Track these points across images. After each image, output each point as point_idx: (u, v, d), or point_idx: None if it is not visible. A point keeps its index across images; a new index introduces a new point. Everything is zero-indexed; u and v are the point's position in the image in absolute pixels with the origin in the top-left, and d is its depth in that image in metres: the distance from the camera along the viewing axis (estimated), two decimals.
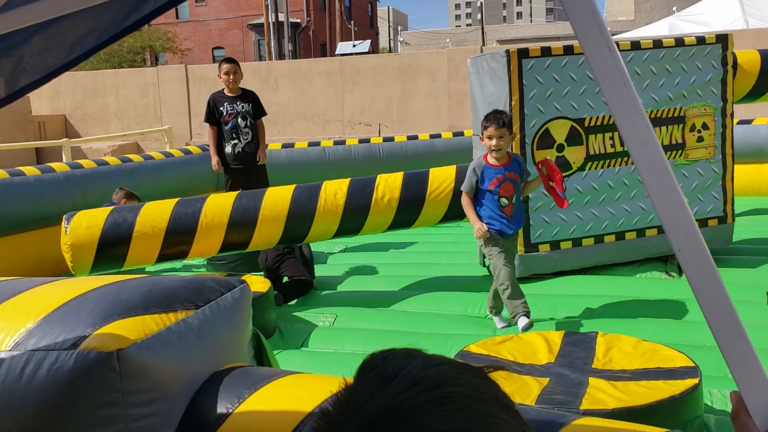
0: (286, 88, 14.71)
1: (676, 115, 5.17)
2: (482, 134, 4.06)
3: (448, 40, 51.87)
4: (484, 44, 34.05)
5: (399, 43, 52.08)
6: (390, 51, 47.37)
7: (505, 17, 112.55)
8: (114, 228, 4.24)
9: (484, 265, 5.25)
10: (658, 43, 5.13)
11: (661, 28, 18.14)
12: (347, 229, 4.76)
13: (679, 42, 5.14)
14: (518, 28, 62.97)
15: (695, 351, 3.49)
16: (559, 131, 4.89)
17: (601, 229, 5.03)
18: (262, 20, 31.28)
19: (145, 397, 1.35)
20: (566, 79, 4.86)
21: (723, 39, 5.23)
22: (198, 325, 1.39)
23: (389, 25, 54.29)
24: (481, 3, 43.20)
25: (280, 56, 28.26)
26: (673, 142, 5.18)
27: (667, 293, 4.52)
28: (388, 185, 4.74)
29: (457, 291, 4.84)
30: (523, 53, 4.78)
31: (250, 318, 1.61)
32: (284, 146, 8.94)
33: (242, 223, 4.49)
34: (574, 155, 4.93)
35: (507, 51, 4.75)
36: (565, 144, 4.91)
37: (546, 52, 4.83)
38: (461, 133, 9.45)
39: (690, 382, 2.48)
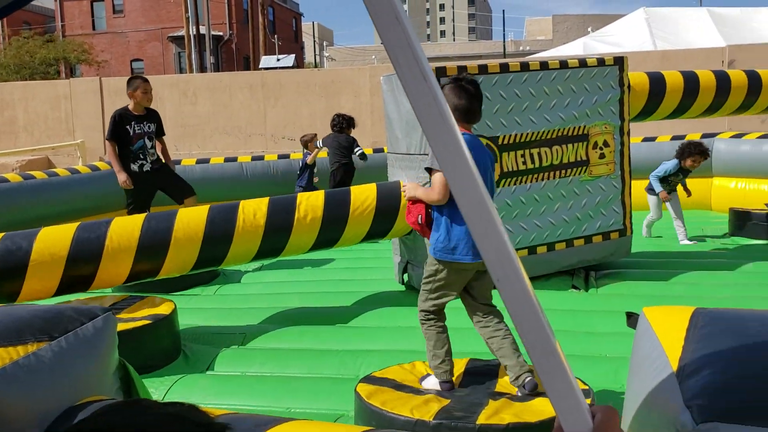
0: (205, 102, 14.44)
1: (580, 133, 5.33)
2: None
3: (374, 56, 52.22)
4: None
5: (324, 58, 52.12)
6: (315, 66, 47.34)
7: (429, 35, 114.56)
8: (6, 257, 3.81)
9: (402, 282, 5.24)
10: (564, 64, 5.28)
11: (577, 48, 18.82)
12: (268, 250, 4.55)
13: (583, 63, 5.32)
14: (442, 46, 64.09)
15: (598, 362, 3.58)
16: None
17: (515, 244, 5.11)
18: (182, 32, 30.68)
19: None
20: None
21: (620, 61, 5.48)
22: (52, 357, 1.29)
23: (314, 40, 54.27)
24: None
25: (202, 69, 27.77)
26: (579, 158, 5.34)
27: (573, 306, 4.62)
28: (310, 204, 4.61)
29: (372, 308, 4.81)
30: (441, 72, 4.80)
31: (115, 347, 1.51)
32: (199, 161, 8.74)
33: (153, 247, 4.16)
34: None
35: None
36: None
37: (462, 71, 4.87)
38: (381, 150, 9.49)
39: None
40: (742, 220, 6.85)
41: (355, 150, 8.23)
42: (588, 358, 3.62)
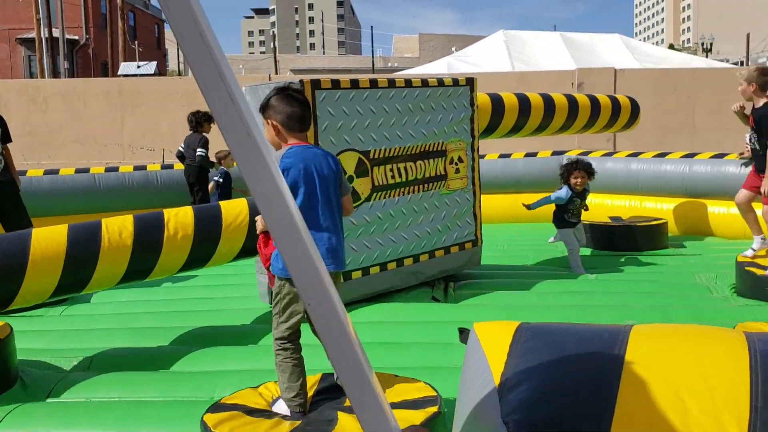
0: (57, 109, 13.56)
1: (439, 149, 5.55)
2: None
3: (241, 66, 51.44)
4: (277, 73, 34.25)
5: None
6: (180, 74, 45.85)
7: (298, 47, 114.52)
8: None
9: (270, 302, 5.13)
10: (425, 83, 5.45)
11: (441, 67, 19.49)
12: (137, 270, 4.21)
13: (440, 83, 5.52)
14: (312, 58, 64.28)
15: (455, 373, 3.66)
16: (349, 163, 4.96)
17: (386, 256, 5.19)
18: (33, 35, 28.70)
19: None
20: (353, 112, 4.96)
21: (471, 81, 5.79)
22: None
23: (178, 48, 52.62)
24: (274, 33, 43.45)
25: (55, 74, 26.09)
26: (438, 173, 5.54)
27: (433, 317, 4.72)
28: (179, 221, 4.37)
29: (231, 327, 4.66)
30: (316, 84, 4.77)
31: None
32: (47, 172, 8.16)
33: (4, 272, 3.74)
34: (362, 187, 5.04)
35: (301, 81, 4.71)
36: (354, 176, 4.99)
37: (336, 84, 4.89)
38: None
39: (430, 410, 2.62)
40: (587, 233, 7.30)
41: (198, 151, 7.92)
42: (445, 369, 3.69)
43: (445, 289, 5.52)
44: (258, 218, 3.20)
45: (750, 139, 5.52)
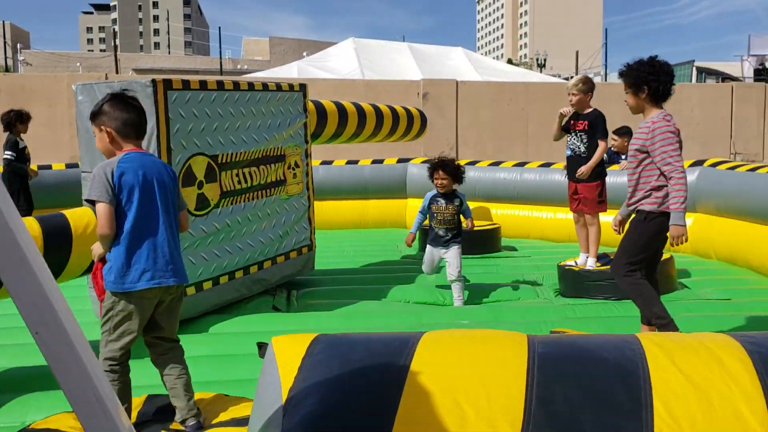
0: None
1: (279, 153, 5.53)
2: None
3: (78, 64, 48.25)
4: (118, 72, 32.44)
5: (19, 62, 46.77)
6: (7, 70, 42.19)
7: (142, 46, 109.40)
8: None
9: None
10: (265, 86, 5.37)
11: (292, 71, 19.40)
12: None
13: (278, 87, 5.49)
14: (156, 58, 61.61)
15: None
16: (199, 168, 4.76)
17: (234, 265, 5.05)
18: None
19: None
20: (203, 114, 4.78)
21: (303, 88, 5.84)
22: None
23: (5, 42, 48.46)
24: (114, 30, 41.22)
25: None
26: (278, 178, 5.53)
27: (275, 327, 4.64)
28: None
29: None
30: (168, 84, 4.52)
31: None
32: None
33: None
34: (212, 192, 4.86)
35: (153, 80, 4.41)
36: (204, 181, 4.79)
37: (186, 85, 4.68)
38: (76, 165, 8.72)
39: None
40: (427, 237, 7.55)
41: (6, 154, 7.29)
42: None
43: (288, 298, 5.47)
44: (94, 246, 2.96)
45: (572, 148, 5.81)
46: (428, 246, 5.43)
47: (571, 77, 8.00)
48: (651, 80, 3.90)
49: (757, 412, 1.60)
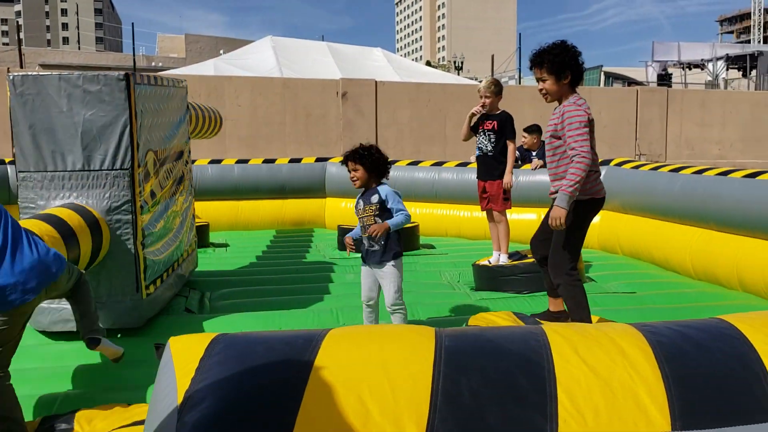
0: None
1: (182, 150, 5.52)
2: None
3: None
4: (22, 66, 30.86)
5: None
6: None
7: (49, 41, 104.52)
8: None
9: None
10: (174, 82, 5.24)
11: (208, 68, 18.94)
12: None
13: (176, 83, 5.36)
14: (64, 53, 58.96)
15: None
16: (150, 164, 4.63)
17: (168, 264, 5.01)
18: None
19: None
20: (153, 109, 4.68)
21: (182, 83, 5.69)
22: None
23: None
24: (18, 23, 39.19)
25: None
26: (183, 174, 5.54)
27: (186, 330, 4.50)
28: None
29: None
30: (134, 78, 4.35)
31: None
32: None
33: None
34: (156, 188, 4.79)
35: (126, 74, 4.23)
36: (153, 176, 4.66)
37: (145, 79, 4.57)
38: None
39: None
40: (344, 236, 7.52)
41: None
42: None
43: (201, 299, 5.32)
44: None
45: (481, 147, 5.94)
46: (362, 267, 4.21)
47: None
48: (572, 64, 3.78)
49: (657, 399, 1.65)
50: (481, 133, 5.89)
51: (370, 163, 4.08)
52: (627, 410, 1.60)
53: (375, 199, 4.08)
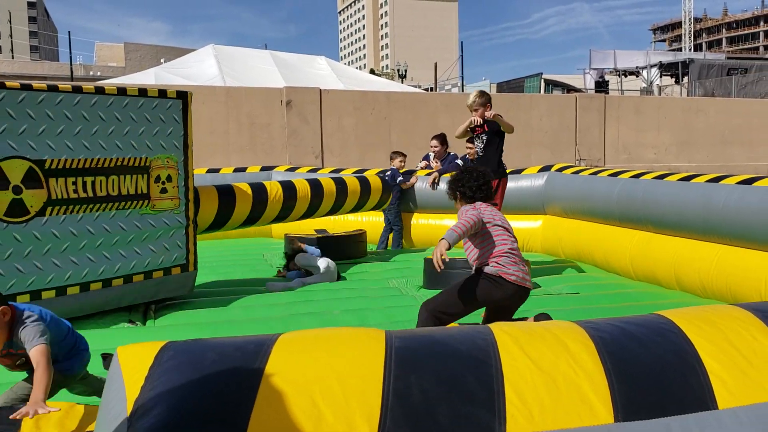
0: None
1: (140, 164, 5.14)
2: None
3: None
4: None
5: None
6: None
7: None
8: None
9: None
10: (122, 91, 5.04)
11: (149, 78, 18.59)
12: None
13: (143, 93, 5.15)
14: None
15: None
16: (16, 172, 4.41)
17: (64, 280, 4.67)
18: None
19: None
20: (23, 116, 4.44)
21: (183, 96, 5.45)
22: None
23: None
24: None
25: None
26: (139, 191, 5.13)
27: (129, 341, 4.40)
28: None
29: None
30: (1, 87, 4.23)
31: None
32: None
33: None
34: (33, 199, 4.51)
35: None
36: (22, 186, 4.43)
37: (2, 85, 4.37)
38: None
39: None
40: (293, 244, 7.47)
41: None
42: None
43: (145, 312, 5.20)
44: None
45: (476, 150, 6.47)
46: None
47: (431, 88, 8.40)
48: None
49: (600, 391, 1.71)
50: (476, 138, 6.45)
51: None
52: (571, 403, 1.66)
53: None
